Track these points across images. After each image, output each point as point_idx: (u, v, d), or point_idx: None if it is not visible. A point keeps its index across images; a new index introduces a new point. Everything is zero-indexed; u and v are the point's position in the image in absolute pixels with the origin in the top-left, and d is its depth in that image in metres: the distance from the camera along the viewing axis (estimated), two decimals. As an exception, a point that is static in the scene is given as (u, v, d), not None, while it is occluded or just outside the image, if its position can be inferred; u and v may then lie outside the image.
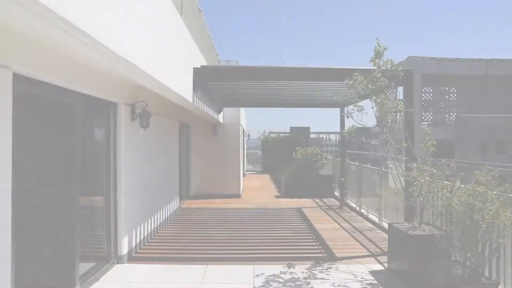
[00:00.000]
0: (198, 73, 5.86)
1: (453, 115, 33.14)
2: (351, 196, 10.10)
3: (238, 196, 11.61)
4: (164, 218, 7.59)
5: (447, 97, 33.64)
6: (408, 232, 4.49)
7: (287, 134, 21.10)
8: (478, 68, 32.51)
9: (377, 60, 5.05)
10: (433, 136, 5.21)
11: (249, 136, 20.97)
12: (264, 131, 21.97)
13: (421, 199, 4.39)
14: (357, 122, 5.29)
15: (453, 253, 3.88)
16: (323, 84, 7.08)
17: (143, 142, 6.05)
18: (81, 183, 4.24)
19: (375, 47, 5.02)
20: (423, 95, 32.48)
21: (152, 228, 6.75)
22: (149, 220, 6.55)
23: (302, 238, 6.80)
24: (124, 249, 5.34)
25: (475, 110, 33.24)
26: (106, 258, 5.07)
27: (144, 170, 6.15)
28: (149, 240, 6.50)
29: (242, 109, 12.53)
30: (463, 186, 3.72)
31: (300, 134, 18.05)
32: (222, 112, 11.54)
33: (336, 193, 11.54)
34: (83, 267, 4.39)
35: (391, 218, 7.14)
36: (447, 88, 33.68)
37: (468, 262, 3.61)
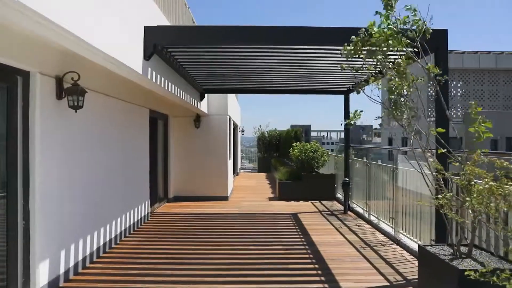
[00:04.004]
0: (153, 35, 4.27)
1: (460, 111, 31.51)
2: (357, 199, 8.51)
3: (225, 198, 10.02)
4: (122, 229, 6.01)
5: (454, 92, 32.02)
6: (454, 263, 2.90)
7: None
8: (487, 62, 30.87)
9: (389, 13, 3.44)
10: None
11: (243, 131, 19.35)
12: (260, 126, 20.34)
13: (476, 213, 2.80)
14: (371, 100, 3.72)
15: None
16: (323, 55, 5.49)
17: (77, 130, 4.46)
18: None
19: None
20: (428, 89, 30.86)
21: (101, 244, 5.18)
22: (94, 234, 4.97)
23: (297, 257, 5.22)
24: (41, 278, 3.76)
25: (484, 105, 31.61)
26: (10, 294, 3.50)
27: (81, 168, 4.57)
28: (94, 260, 4.92)
29: (230, 98, 10.92)
30: None
31: (299, 129, 16.40)
32: (206, 102, 9.95)
33: (338, 195, 9.96)
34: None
35: (411, 230, 5.56)
36: (454, 83, 32.06)
37: None
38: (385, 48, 3.24)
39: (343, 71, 6.83)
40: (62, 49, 3.64)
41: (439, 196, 2.94)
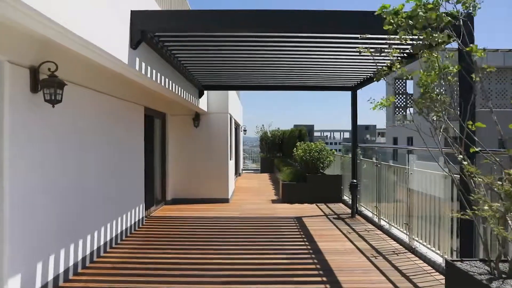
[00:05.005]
0: (140, 20, 3.80)
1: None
2: (365, 202, 8.01)
3: (226, 200, 9.54)
4: (113, 235, 5.55)
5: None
6: (494, 285, 2.41)
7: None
8: (495, 60, 30.19)
9: None
10: (447, 132, 3.14)
11: (245, 130, 18.87)
12: (263, 125, 19.84)
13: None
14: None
15: None
16: (332, 46, 5.01)
17: (57, 127, 3.99)
18: None
19: None
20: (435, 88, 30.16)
21: (87, 253, 4.72)
22: (79, 242, 4.51)
23: (302, 267, 4.73)
24: (13, 296, 3.31)
25: (492, 104, 30.94)
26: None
27: (62, 170, 4.09)
28: (78, 271, 4.46)
29: (231, 96, 10.43)
30: None
31: (303, 128, 15.88)
32: (206, 99, 9.48)
33: (345, 197, 9.46)
34: None
35: (428, 237, 5.06)
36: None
37: None
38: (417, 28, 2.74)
39: (351, 66, 6.39)
40: (35, 34, 3.18)
41: (485, 207, 2.43)
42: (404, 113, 33.58)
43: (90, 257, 4.81)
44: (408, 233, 5.53)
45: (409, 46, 4.87)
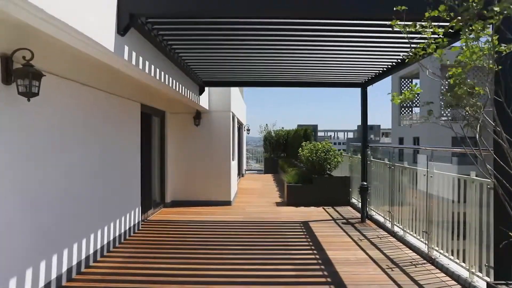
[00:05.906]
0: (129, 1, 3.34)
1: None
2: (375, 205, 7.51)
3: (228, 203, 9.07)
4: (105, 242, 5.10)
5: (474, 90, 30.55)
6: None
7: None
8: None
9: None
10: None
11: (248, 129, 18.38)
12: (267, 125, 19.34)
13: None
14: (402, 90, 2.77)
15: None
16: (345, 36, 4.52)
17: (33, 124, 3.53)
18: None
19: None
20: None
21: (74, 263, 4.26)
22: (64, 252, 4.06)
23: (311, 281, 4.25)
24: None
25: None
26: None
27: (39, 172, 3.63)
28: (61, 285, 4.01)
29: (234, 93, 9.95)
30: None
31: (309, 128, 15.35)
32: (207, 96, 9.01)
33: (353, 200, 8.96)
34: None
35: (450, 247, 4.56)
36: (468, 80, 30.51)
37: None
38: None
39: (361, 61, 5.90)
40: (5, 16, 2.73)
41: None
42: (410, 112, 33.00)
43: (77, 267, 4.36)
44: (426, 242, 5.04)
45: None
